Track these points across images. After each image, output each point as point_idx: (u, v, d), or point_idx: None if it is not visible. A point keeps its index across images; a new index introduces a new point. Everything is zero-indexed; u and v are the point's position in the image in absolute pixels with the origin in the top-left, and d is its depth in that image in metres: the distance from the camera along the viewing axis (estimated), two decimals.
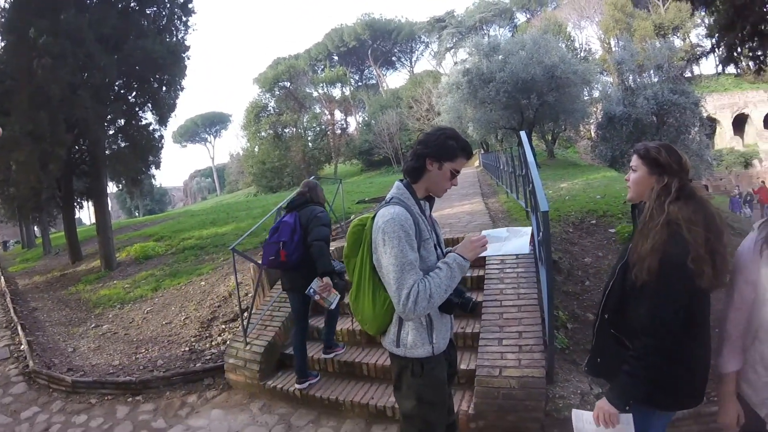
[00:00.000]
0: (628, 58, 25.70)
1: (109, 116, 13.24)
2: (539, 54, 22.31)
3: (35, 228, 28.49)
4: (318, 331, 5.50)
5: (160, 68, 13.59)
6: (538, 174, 4.84)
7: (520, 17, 60.79)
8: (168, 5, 14.25)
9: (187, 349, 6.75)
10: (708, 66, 41.98)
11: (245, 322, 5.52)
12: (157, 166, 16.02)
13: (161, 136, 15.36)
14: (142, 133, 14.69)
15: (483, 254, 2.38)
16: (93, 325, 8.80)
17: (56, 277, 14.50)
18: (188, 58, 14.90)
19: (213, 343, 6.82)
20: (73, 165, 14.63)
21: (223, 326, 7.35)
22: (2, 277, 14.03)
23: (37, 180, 12.48)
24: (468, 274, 5.61)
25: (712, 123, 33.47)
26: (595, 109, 26.69)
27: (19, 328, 8.34)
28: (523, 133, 7.35)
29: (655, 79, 26.09)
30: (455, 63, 43.15)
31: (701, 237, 1.92)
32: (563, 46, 30.98)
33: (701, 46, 46.59)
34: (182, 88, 15.19)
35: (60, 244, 19.97)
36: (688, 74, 35.51)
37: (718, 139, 39.70)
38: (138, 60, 13.05)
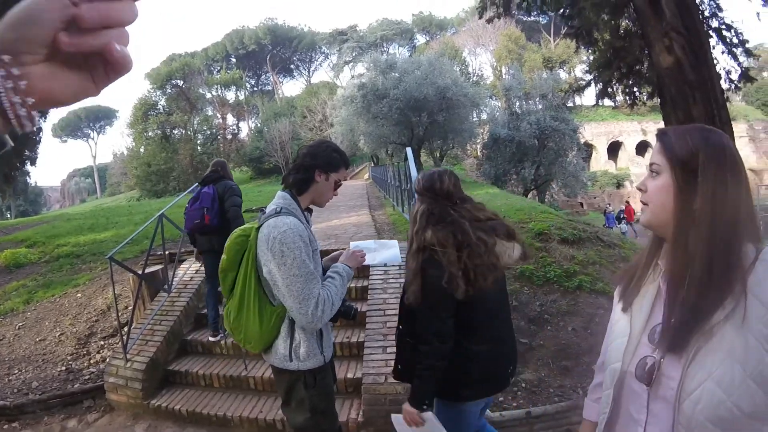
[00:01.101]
0: (516, 86, 27.70)
1: None
2: (433, 75, 23.46)
3: None
4: (200, 344, 5.64)
5: None
6: None
7: (420, 38, 63.00)
8: None
9: (63, 368, 6.56)
10: (589, 97, 46.26)
11: (125, 338, 5.51)
12: (33, 162, 15.03)
13: (39, 129, 14.45)
14: None
15: (364, 264, 2.64)
16: None
17: None
18: None
19: (92, 362, 6.69)
20: None
21: (102, 342, 7.20)
22: None
23: None
24: (353, 284, 5.98)
25: (588, 148, 37.44)
26: (482, 130, 28.47)
27: None
28: (408, 150, 7.86)
29: (540, 107, 28.19)
30: (352, 77, 44.15)
31: (453, 257, 2.18)
32: (457, 69, 32.82)
33: (583, 80, 51.08)
34: None
35: None
36: (570, 104, 38.64)
37: (594, 163, 44.87)
38: None
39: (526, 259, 2.52)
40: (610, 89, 11.21)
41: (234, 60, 63.22)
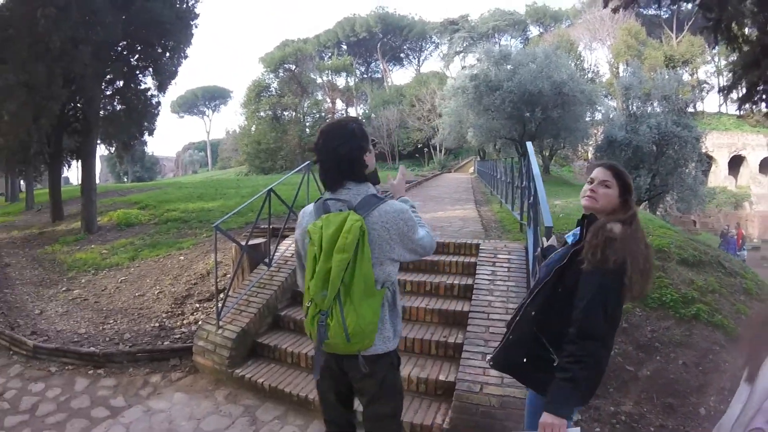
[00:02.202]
0: (636, 84, 25.52)
1: (108, 76, 12.87)
2: (549, 69, 22.24)
3: (21, 182, 28.06)
4: (293, 322, 5.39)
5: (166, 33, 13.21)
6: (543, 188, 4.72)
7: (533, 30, 60.58)
8: None
9: (156, 324, 6.56)
10: (711, 103, 42.31)
11: (220, 305, 5.34)
12: (151, 133, 15.65)
13: (158, 103, 15.01)
14: (139, 97, 14.32)
15: None
16: (64, 289, 8.58)
17: (35, 234, 14.11)
18: (196, 26, 14.53)
19: (184, 322, 6.65)
20: (66, 122, 14.27)
21: (197, 305, 7.17)
22: None
23: (27, 133, 12.22)
24: (457, 282, 5.56)
25: (708, 160, 33.63)
26: (596, 131, 26.66)
27: None
28: (529, 144, 7.19)
29: (659, 109, 26.01)
30: (463, 67, 43.05)
31: (643, 254, 2.08)
32: (572, 64, 30.94)
33: (708, 83, 47.45)
34: (186, 56, 14.82)
35: (43, 201, 19.51)
36: (691, 109, 35.61)
37: (712, 177, 39.70)
38: (144, 21, 12.68)
39: None
40: (755, 91, 9.82)
41: (345, 47, 63.42)
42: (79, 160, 15.44)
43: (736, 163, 41.67)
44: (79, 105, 13.92)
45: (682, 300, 5.53)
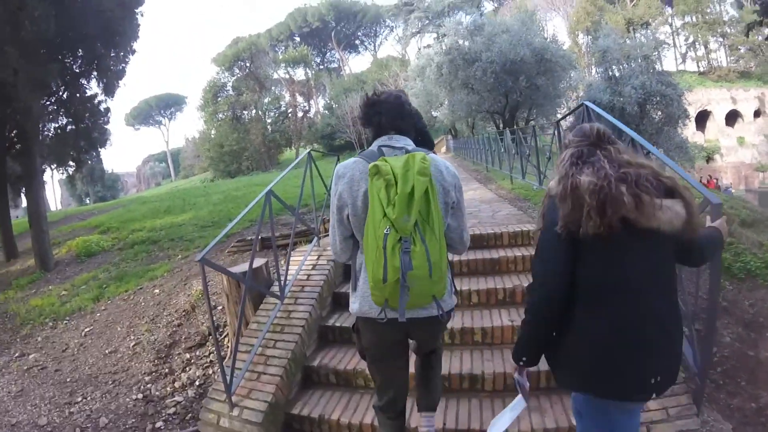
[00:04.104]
0: (614, 47, 24.62)
1: (45, 81, 10.54)
2: (528, 35, 20.93)
3: None
4: (333, 374, 3.82)
5: (109, 24, 11.14)
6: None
7: (488, 5, 59.58)
8: None
9: (140, 396, 4.85)
10: (669, 62, 42.87)
11: (228, 372, 3.58)
12: (102, 145, 13.71)
13: (108, 109, 13.04)
14: (85, 105, 12.31)
15: None
16: (17, 354, 6.64)
17: None
18: (142, 15, 12.55)
19: (177, 386, 4.96)
20: (5, 143, 12.07)
21: (188, 355, 5.47)
22: None
23: None
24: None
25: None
26: (577, 96, 25.70)
27: None
28: (589, 104, 5.75)
29: (638, 70, 25.14)
30: (420, 49, 41.82)
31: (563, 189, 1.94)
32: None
33: (667, 43, 47.54)
34: (134, 52, 12.85)
35: None
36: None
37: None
38: (81, 13, 10.66)
39: (692, 225, 1.84)
40: None
41: (298, 39, 60.92)
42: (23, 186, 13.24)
43: (703, 119, 43.25)
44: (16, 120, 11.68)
45: (765, 266, 4.79)
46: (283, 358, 3.86)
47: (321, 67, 62.00)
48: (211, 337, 5.48)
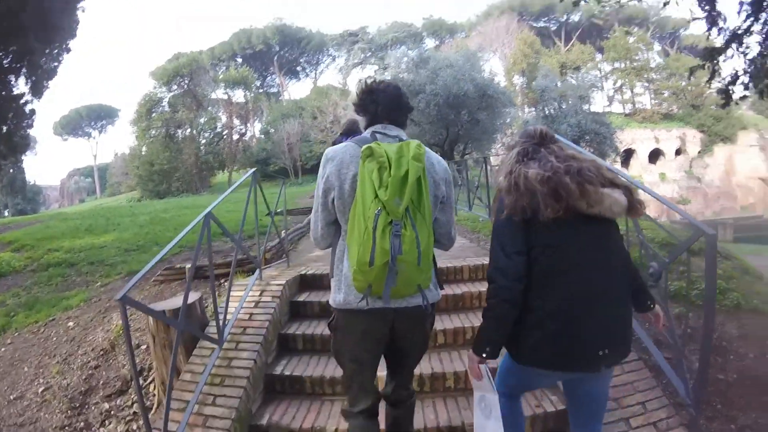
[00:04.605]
0: (552, 87, 25.45)
1: None
2: (471, 71, 21.14)
3: None
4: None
5: (46, 16, 10.10)
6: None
7: (429, 42, 60.98)
8: None
9: None
10: (597, 105, 45.53)
11: None
12: (23, 150, 12.68)
13: (33, 111, 11.89)
14: (9, 104, 11.22)
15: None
16: None
17: None
18: (83, 11, 11.60)
19: None
20: None
21: (107, 405, 4.61)
22: None
23: None
24: None
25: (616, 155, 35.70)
26: (512, 132, 26.32)
27: None
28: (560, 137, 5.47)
29: (571, 110, 26.06)
30: (360, 79, 41.88)
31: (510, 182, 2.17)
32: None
33: (597, 86, 50.14)
34: (68, 50, 12.00)
35: None
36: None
37: None
38: (13, 2, 9.56)
39: (634, 210, 2.13)
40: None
41: (240, 60, 60.12)
42: None
43: (628, 157, 46.04)
44: None
45: (720, 292, 4.85)
46: (226, 418, 3.22)
47: (260, 90, 60.76)
48: (133, 382, 4.70)
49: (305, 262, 6.33)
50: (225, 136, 45.00)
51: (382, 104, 2.32)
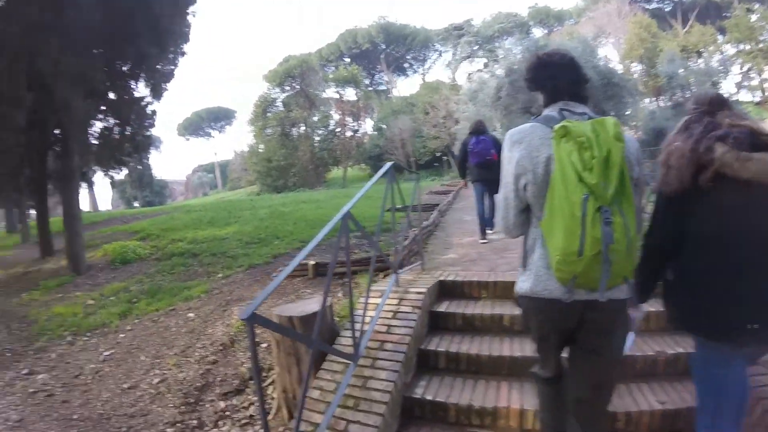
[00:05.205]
0: (680, 74, 22.92)
1: (86, 75, 9.57)
2: (591, 58, 19.37)
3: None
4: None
5: (157, 21, 10.21)
6: None
7: (537, 32, 57.91)
8: None
9: None
10: (723, 92, 40.01)
11: None
12: (146, 149, 13.17)
13: (154, 112, 12.24)
14: (131, 107, 11.52)
15: None
16: (25, 371, 5.49)
17: (18, 274, 11.22)
18: (193, 16, 11.70)
19: None
20: (47, 141, 11.49)
21: (222, 404, 4.18)
22: None
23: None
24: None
25: None
26: (635, 125, 24.05)
27: None
28: None
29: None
30: (469, 74, 40.51)
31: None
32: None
33: (723, 71, 45.06)
34: (183, 54, 12.08)
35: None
36: None
37: None
38: (128, 6, 9.74)
39: None
40: None
41: (348, 60, 60.12)
42: (58, 185, 12.69)
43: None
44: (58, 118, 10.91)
45: None
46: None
47: (370, 88, 60.87)
48: (251, 382, 4.26)
49: (440, 265, 5.50)
50: (338, 133, 45.29)
51: (560, 78, 2.07)
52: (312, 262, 6.50)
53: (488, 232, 6.98)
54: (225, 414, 4.03)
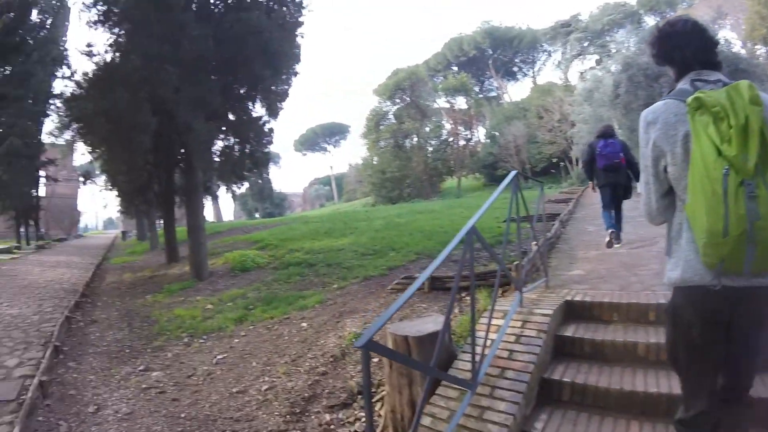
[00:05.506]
0: None
1: (204, 99, 10.28)
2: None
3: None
4: None
5: (267, 45, 10.59)
6: None
7: (649, 21, 53.43)
8: None
9: None
10: None
11: None
12: (265, 164, 13.68)
13: (271, 130, 12.71)
14: (250, 126, 12.06)
15: None
16: (142, 367, 5.71)
17: (145, 278, 12.21)
18: (302, 37, 12.02)
19: None
20: (173, 159, 12.52)
21: (328, 417, 3.95)
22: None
23: (128, 173, 11.12)
24: None
25: None
26: None
27: (47, 353, 5.65)
28: None
29: None
30: (581, 72, 38.25)
31: None
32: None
33: None
34: (296, 74, 12.41)
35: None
36: None
37: None
38: (238, 33, 10.23)
39: None
40: None
41: (455, 68, 58.43)
42: (183, 198, 13.64)
43: None
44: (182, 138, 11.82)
45: None
46: None
47: (480, 95, 59.55)
48: (359, 396, 4.00)
49: (565, 282, 4.96)
50: (451, 143, 44.95)
51: (687, 47, 1.92)
52: (432, 276, 6.20)
53: (615, 246, 6.63)
54: (330, 428, 3.82)
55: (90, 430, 4.14)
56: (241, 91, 11.87)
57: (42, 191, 29.10)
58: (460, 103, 50.02)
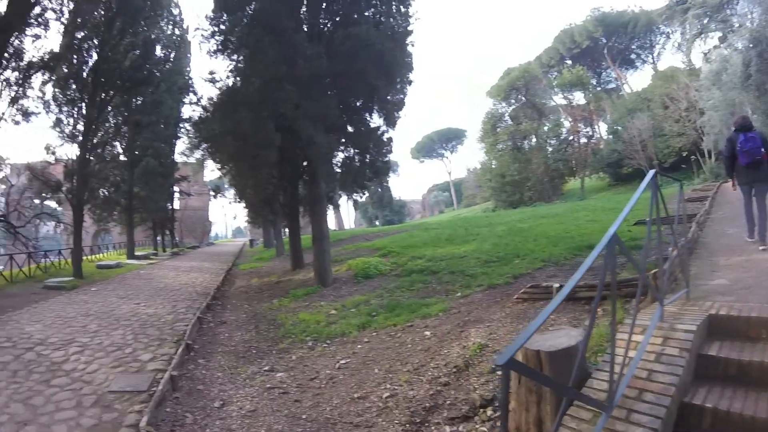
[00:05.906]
0: None
1: (322, 114, 10.68)
2: None
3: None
4: None
5: (380, 57, 10.71)
6: None
7: None
8: None
9: None
10: None
11: None
12: (385, 173, 13.86)
13: (390, 139, 12.81)
14: (369, 136, 12.27)
15: None
16: (267, 368, 5.91)
17: (271, 283, 12.83)
18: (412, 45, 12.02)
19: None
20: (298, 171, 13.29)
21: (448, 429, 3.76)
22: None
23: (255, 186, 12.18)
24: None
25: None
26: None
27: (179, 350, 6.21)
28: None
29: None
30: (704, 53, 34.29)
31: None
32: None
33: None
34: (410, 82, 12.43)
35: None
36: None
37: None
38: (350, 48, 10.46)
39: None
40: None
41: (569, 62, 55.05)
42: (307, 208, 14.66)
43: None
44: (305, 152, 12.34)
45: None
46: None
47: (598, 88, 55.57)
48: (482, 410, 3.78)
49: (707, 293, 4.36)
50: (571, 141, 42.95)
51: None
52: (556, 285, 5.91)
53: (760, 249, 6.12)
54: None
55: (214, 423, 4.38)
56: (358, 104, 12.12)
57: (176, 204, 32.91)
58: (578, 98, 47.59)
